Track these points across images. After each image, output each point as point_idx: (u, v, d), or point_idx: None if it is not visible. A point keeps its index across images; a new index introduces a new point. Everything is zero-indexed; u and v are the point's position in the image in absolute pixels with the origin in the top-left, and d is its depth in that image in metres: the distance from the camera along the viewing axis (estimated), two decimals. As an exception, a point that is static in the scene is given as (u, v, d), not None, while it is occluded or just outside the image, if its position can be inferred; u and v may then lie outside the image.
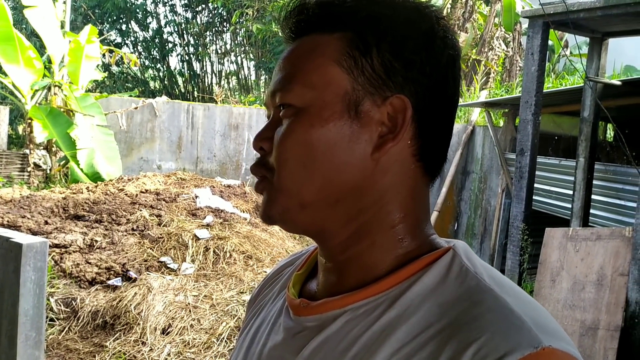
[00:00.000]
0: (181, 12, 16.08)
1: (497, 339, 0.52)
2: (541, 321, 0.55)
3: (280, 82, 0.64)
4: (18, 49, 7.59)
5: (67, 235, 4.97)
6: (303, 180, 0.61)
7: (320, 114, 0.61)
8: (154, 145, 8.04)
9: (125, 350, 3.98)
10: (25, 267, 3.07)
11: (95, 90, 13.87)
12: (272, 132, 0.64)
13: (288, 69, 0.64)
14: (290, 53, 0.65)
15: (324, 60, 0.62)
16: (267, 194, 0.64)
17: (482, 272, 0.59)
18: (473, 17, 11.62)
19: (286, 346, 0.65)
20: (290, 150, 0.62)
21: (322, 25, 0.64)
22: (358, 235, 0.63)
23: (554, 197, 6.48)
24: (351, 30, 0.62)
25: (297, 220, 0.63)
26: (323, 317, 0.63)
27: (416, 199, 0.64)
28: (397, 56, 0.61)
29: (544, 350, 0.51)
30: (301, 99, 0.62)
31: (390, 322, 0.58)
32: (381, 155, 0.61)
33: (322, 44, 0.63)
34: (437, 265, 0.61)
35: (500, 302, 0.55)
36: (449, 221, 8.23)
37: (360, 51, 0.61)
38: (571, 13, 4.88)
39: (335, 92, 0.61)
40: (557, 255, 5.09)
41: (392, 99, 0.61)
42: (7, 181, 7.73)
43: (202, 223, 5.37)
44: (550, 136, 7.39)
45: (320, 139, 0.60)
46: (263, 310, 0.75)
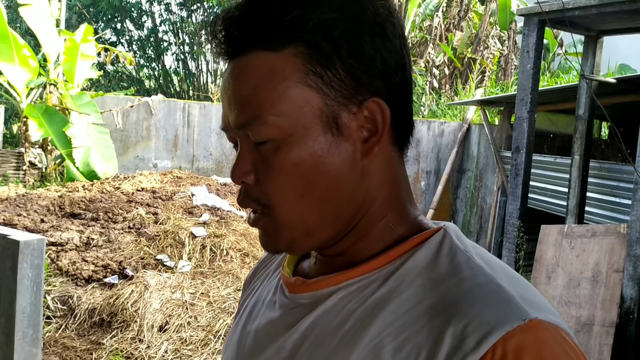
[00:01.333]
0: (176, 11, 16.04)
1: (486, 313, 0.53)
2: (528, 296, 0.56)
3: (248, 117, 0.60)
4: (13, 47, 7.55)
5: (64, 234, 4.96)
6: (304, 210, 0.61)
7: (303, 140, 0.59)
8: (150, 143, 8.03)
9: (122, 348, 3.98)
10: (23, 264, 3.07)
11: (91, 89, 13.83)
12: (250, 165, 0.62)
13: (250, 101, 0.59)
14: (242, 79, 0.60)
15: (287, 83, 0.58)
16: (268, 229, 0.63)
17: (471, 251, 0.61)
18: (468, 16, 11.66)
19: (281, 322, 0.66)
20: (285, 186, 0.60)
21: (266, 41, 0.59)
22: (354, 234, 0.65)
23: (549, 195, 6.51)
24: (302, 43, 0.58)
25: (304, 245, 0.64)
26: (318, 294, 0.64)
27: (399, 181, 0.66)
28: (358, 58, 0.59)
29: (531, 322, 0.53)
30: (278, 130, 0.59)
31: (383, 296, 0.59)
32: (370, 160, 0.62)
33: (278, 65, 0.59)
34: (428, 244, 0.62)
35: (489, 277, 0.57)
36: (444, 219, 8.26)
37: (322, 64, 0.58)
38: (566, 11, 4.90)
39: (310, 113, 0.59)
40: (552, 252, 5.12)
41: (367, 104, 0.60)
42: (3, 180, 7.71)
43: (199, 221, 5.37)
44: (545, 134, 7.43)
45: (311, 165, 0.59)
46: (258, 290, 0.77)
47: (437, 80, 11.12)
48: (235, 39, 0.61)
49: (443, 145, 8.28)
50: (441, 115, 9.69)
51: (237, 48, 0.61)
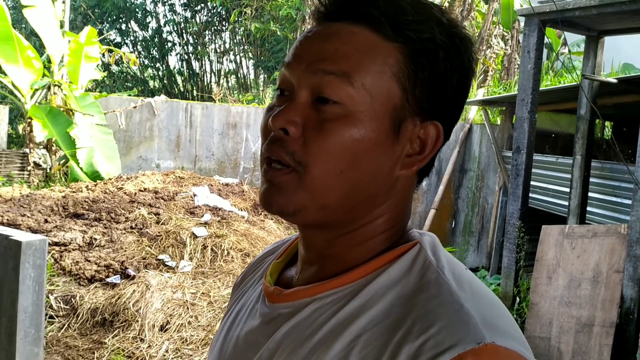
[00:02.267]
0: (180, 12, 16.10)
1: (443, 333, 0.54)
2: (491, 319, 0.56)
3: (336, 67, 0.60)
4: (17, 48, 7.61)
5: (67, 234, 5.00)
6: (334, 185, 0.61)
7: (369, 124, 0.60)
8: (153, 144, 8.07)
9: (123, 347, 4.02)
10: (25, 264, 3.10)
11: (95, 89, 13.90)
12: (300, 117, 0.61)
13: (346, 58, 0.60)
14: (344, 39, 0.61)
15: (386, 68, 0.60)
16: (285, 186, 0.61)
17: (444, 267, 0.61)
18: (471, 15, 11.64)
19: (261, 331, 0.67)
20: (332, 154, 0.60)
21: (381, 27, 0.61)
22: (350, 238, 0.65)
23: (551, 195, 6.51)
24: (410, 47, 0.61)
25: (309, 218, 0.63)
26: (295, 304, 0.65)
27: (409, 206, 0.68)
28: (444, 87, 0.62)
29: (485, 346, 0.52)
30: (354, 99, 0.59)
31: (353, 310, 0.60)
32: (407, 173, 0.64)
33: (383, 49, 0.61)
34: (403, 259, 0.63)
35: (454, 297, 0.57)
36: (446, 219, 8.26)
37: (416, 72, 0.61)
38: (567, 11, 4.91)
39: (387, 105, 0.61)
40: (553, 252, 5.12)
41: (429, 125, 0.63)
42: (7, 180, 7.77)
43: (200, 221, 5.40)
44: (547, 134, 7.42)
45: (362, 148, 0.60)
46: (244, 296, 0.78)
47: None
48: (353, 5, 0.62)
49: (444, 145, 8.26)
50: (444, 115, 9.67)
51: (348, 14, 0.62)
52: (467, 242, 8.17)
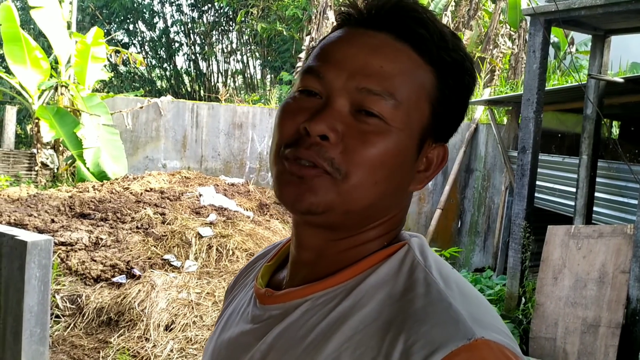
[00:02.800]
0: (187, 12, 16.15)
1: (434, 332, 0.55)
2: (479, 315, 0.58)
3: (381, 88, 0.61)
4: (25, 49, 7.68)
5: (73, 234, 5.04)
6: (367, 195, 0.62)
7: (405, 141, 0.63)
8: (159, 144, 8.11)
9: (129, 347, 4.04)
10: (30, 264, 3.13)
11: (104, 89, 13.97)
12: (342, 125, 0.61)
13: (390, 79, 0.62)
14: (390, 57, 0.62)
15: (422, 91, 0.63)
16: (320, 186, 0.61)
17: (432, 266, 0.63)
18: (478, 15, 11.60)
19: (252, 333, 0.68)
20: (372, 165, 0.61)
21: (424, 49, 0.63)
22: (353, 240, 0.66)
23: (557, 195, 6.48)
24: (441, 71, 0.64)
25: (331, 220, 0.64)
26: (286, 306, 0.66)
27: (405, 215, 0.70)
28: (457, 111, 0.67)
29: (476, 341, 0.54)
30: (396, 119, 0.62)
31: (345, 311, 0.62)
32: (417, 189, 0.67)
33: (422, 73, 0.63)
34: (392, 259, 0.64)
35: (442, 295, 0.59)
36: (452, 219, 8.24)
37: (446, 95, 0.64)
38: (572, 11, 4.88)
39: (419, 125, 0.64)
40: (559, 252, 5.10)
41: (438, 146, 0.67)
42: (15, 180, 7.83)
43: (206, 221, 5.42)
44: (554, 133, 7.39)
45: (397, 164, 0.63)
46: (236, 300, 0.79)
47: (446, 80, 11.08)
48: (401, 20, 0.63)
49: (450, 144, 8.09)
50: (450, 115, 9.65)
51: (394, 27, 0.63)
52: (473, 242, 8.15)
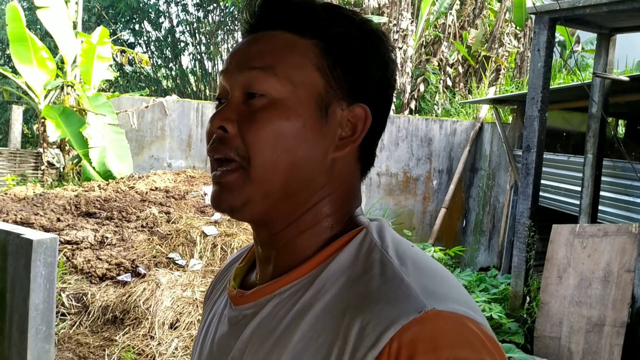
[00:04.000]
0: (193, 12, 16.20)
1: (386, 309, 0.56)
2: (432, 287, 0.58)
3: (260, 63, 0.66)
4: (31, 49, 7.72)
5: (79, 232, 5.07)
6: (274, 170, 0.64)
7: (295, 109, 0.65)
8: (164, 143, 8.14)
9: (134, 345, 4.07)
10: (36, 262, 3.16)
11: (110, 89, 14.03)
12: (235, 114, 0.66)
13: (268, 55, 0.66)
14: (264, 41, 0.67)
15: (304, 61, 0.66)
16: (232, 184, 0.65)
17: (389, 246, 0.64)
18: (483, 13, 11.57)
19: (230, 334, 0.70)
20: (266, 139, 0.64)
21: (296, 27, 0.67)
22: (296, 225, 0.68)
23: (562, 194, 6.46)
24: (324, 41, 0.67)
25: (256, 210, 0.66)
26: (257, 304, 0.68)
27: (352, 194, 0.71)
28: (362, 72, 0.68)
29: (427, 313, 0.55)
30: (278, 90, 0.65)
31: (308, 301, 0.63)
32: (340, 155, 0.67)
33: (302, 45, 0.67)
34: (351, 244, 0.65)
35: (396, 273, 0.60)
36: (457, 218, 8.23)
37: (335, 59, 0.67)
38: (577, 9, 4.87)
39: (310, 92, 0.66)
40: (564, 251, 5.09)
41: (355, 107, 0.68)
42: (21, 179, 7.88)
43: (210, 220, 5.44)
44: (559, 132, 7.37)
45: (293, 132, 0.64)
46: (215, 305, 0.80)
47: (451, 79, 11.06)
48: (268, 15, 0.68)
49: (455, 144, 8.24)
50: (455, 114, 9.64)
51: (265, 24, 0.68)
52: (478, 241, 8.14)
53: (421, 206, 8.30)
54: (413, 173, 8.24)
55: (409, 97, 10.29)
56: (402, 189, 8.19)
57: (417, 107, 10.44)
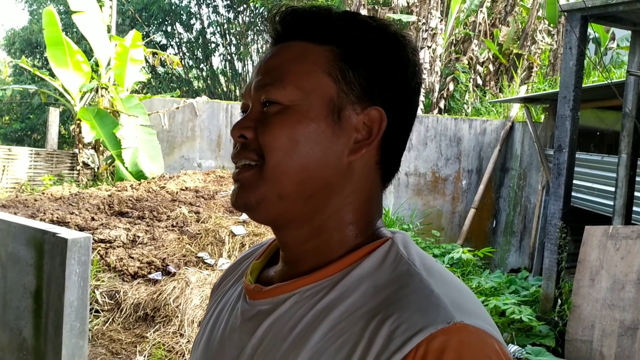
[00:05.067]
0: (223, 13, 16.38)
1: (416, 316, 0.58)
2: (459, 301, 0.61)
3: (271, 79, 0.69)
4: (67, 53, 7.94)
5: (112, 231, 5.20)
6: (286, 171, 0.67)
7: (306, 113, 0.67)
8: (195, 144, 8.26)
9: (164, 342, 4.15)
10: (71, 260, 3.25)
11: (142, 90, 14.30)
12: (253, 122, 0.69)
13: (278, 69, 0.69)
14: (278, 54, 0.71)
15: (315, 67, 0.68)
16: (248, 181, 0.68)
17: (415, 259, 0.66)
18: (515, 10, 11.39)
19: (243, 328, 0.71)
20: (278, 141, 0.67)
21: (312, 36, 0.70)
22: (317, 231, 0.69)
23: (595, 195, 6.33)
24: (340, 46, 0.69)
25: (271, 210, 0.68)
26: (274, 300, 0.69)
27: (373, 201, 0.72)
28: (378, 75, 0.69)
29: (455, 325, 0.57)
30: (290, 98, 0.67)
31: (330, 302, 0.65)
32: (355, 158, 0.69)
33: (313, 53, 0.69)
34: (376, 253, 0.67)
35: (424, 284, 0.62)
36: (487, 218, 8.13)
37: (348, 64, 0.68)
38: (610, 6, 4.76)
39: (322, 97, 0.68)
40: (596, 253, 4.99)
41: (370, 110, 0.69)
42: (58, 179, 8.11)
43: (239, 220, 5.51)
44: (592, 131, 7.21)
45: (305, 135, 0.67)
46: (224, 297, 0.82)
47: (481, 77, 10.92)
48: (287, 27, 0.71)
49: (485, 143, 8.15)
50: (485, 113, 9.52)
51: (285, 35, 0.72)
52: (508, 242, 8.02)
53: (450, 206, 8.23)
54: (442, 173, 8.18)
55: (437, 96, 10.21)
56: (430, 189, 8.13)
57: (446, 106, 10.34)
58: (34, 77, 13.13)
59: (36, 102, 13.39)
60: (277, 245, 0.77)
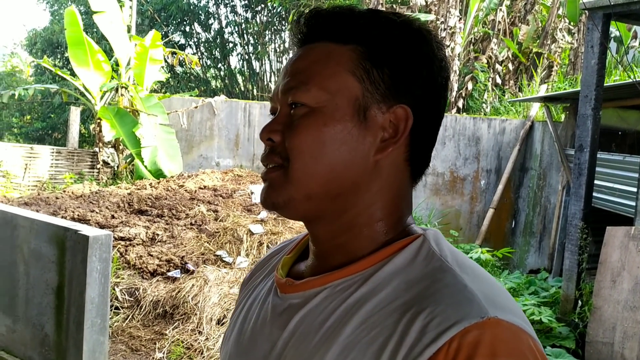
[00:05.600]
0: (241, 13, 16.45)
1: (449, 310, 0.59)
2: (493, 296, 0.61)
3: (296, 82, 0.70)
4: (88, 53, 8.04)
5: (132, 229, 5.25)
6: (312, 173, 0.68)
7: (332, 115, 0.68)
8: (213, 142, 8.31)
9: (183, 339, 4.19)
10: (92, 257, 3.30)
11: (161, 90, 14.42)
12: (280, 125, 0.70)
13: (303, 71, 0.70)
14: (304, 56, 0.71)
15: (339, 68, 0.69)
16: (274, 181, 0.70)
17: (447, 255, 0.66)
18: (535, 9, 11.26)
19: (274, 322, 0.72)
20: (304, 143, 0.68)
21: (336, 36, 0.70)
22: (347, 226, 0.70)
23: (617, 195, 6.23)
24: (363, 45, 0.69)
25: (300, 209, 0.70)
26: (306, 294, 0.70)
27: (402, 198, 0.72)
28: (403, 72, 0.69)
29: (489, 319, 0.57)
30: (316, 100, 0.68)
31: (362, 296, 0.65)
32: (382, 157, 0.69)
33: (337, 53, 0.69)
34: (408, 249, 0.68)
35: (458, 279, 0.62)
36: (505, 219, 8.06)
37: (372, 63, 0.69)
38: (632, 4, 4.69)
39: (347, 97, 0.68)
40: (618, 255, 4.92)
41: (396, 108, 0.69)
42: (79, 177, 8.22)
43: (257, 218, 5.53)
44: (614, 131, 7.10)
45: (331, 136, 0.67)
46: (254, 291, 0.82)
47: (500, 76, 10.82)
48: (311, 28, 0.72)
49: (504, 143, 8.07)
50: (504, 113, 9.44)
51: (310, 36, 0.72)
52: (527, 242, 7.94)
53: (468, 206, 8.17)
54: (460, 173, 8.12)
55: (456, 95, 10.14)
56: (448, 188, 8.09)
57: (464, 105, 10.27)
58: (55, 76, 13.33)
59: (57, 101, 13.59)
60: (308, 241, 0.78)
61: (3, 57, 18.79)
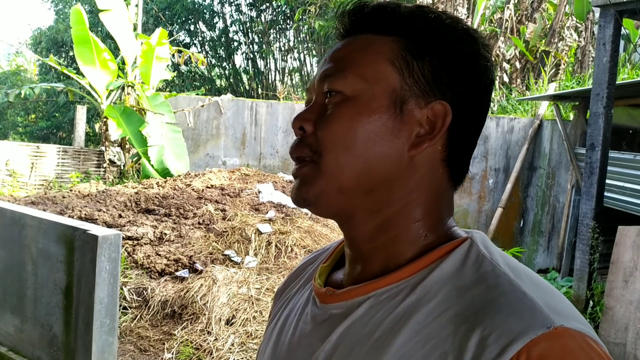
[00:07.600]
0: (246, 11, 16.42)
1: (510, 321, 0.54)
2: (554, 303, 0.57)
3: (333, 69, 0.67)
4: (94, 51, 8.02)
5: (139, 228, 5.22)
6: (345, 165, 0.64)
7: (368, 104, 0.64)
8: (219, 141, 8.28)
9: (192, 339, 4.16)
10: (101, 257, 3.26)
11: (166, 89, 14.42)
12: (314, 114, 0.67)
13: (342, 59, 0.68)
14: (344, 46, 0.69)
15: (378, 57, 0.66)
16: (306, 177, 0.67)
17: (498, 259, 0.62)
18: (542, 7, 11.20)
19: (314, 334, 0.68)
20: (336, 134, 0.65)
21: (379, 28, 0.68)
22: (384, 227, 0.66)
23: (628, 194, 6.17)
24: (405, 37, 0.66)
25: (332, 204, 0.66)
26: (348, 304, 0.66)
27: (440, 199, 0.68)
28: (445, 67, 0.66)
29: (556, 329, 0.53)
30: (352, 88, 0.65)
31: (410, 306, 0.61)
32: (417, 153, 0.65)
33: (378, 43, 0.67)
34: (455, 253, 0.63)
35: (514, 286, 0.58)
36: (514, 218, 8.01)
37: (413, 55, 0.66)
38: (646, 0, 4.63)
39: (384, 87, 0.65)
40: (630, 254, 4.86)
41: (434, 104, 0.65)
42: (85, 177, 8.20)
43: (265, 218, 5.49)
44: (624, 130, 7.04)
45: (365, 127, 0.64)
46: (290, 302, 0.79)
47: (508, 75, 10.76)
48: (355, 21, 0.70)
49: (512, 142, 8.02)
50: (512, 111, 9.38)
51: (353, 29, 0.70)
52: (536, 242, 7.89)
53: (476, 205, 8.12)
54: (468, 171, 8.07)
55: (463, 94, 10.09)
56: (456, 187, 8.04)
57: (472, 104, 10.21)
58: (60, 75, 13.33)
59: (62, 100, 13.59)
60: (343, 248, 0.74)
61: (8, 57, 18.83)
